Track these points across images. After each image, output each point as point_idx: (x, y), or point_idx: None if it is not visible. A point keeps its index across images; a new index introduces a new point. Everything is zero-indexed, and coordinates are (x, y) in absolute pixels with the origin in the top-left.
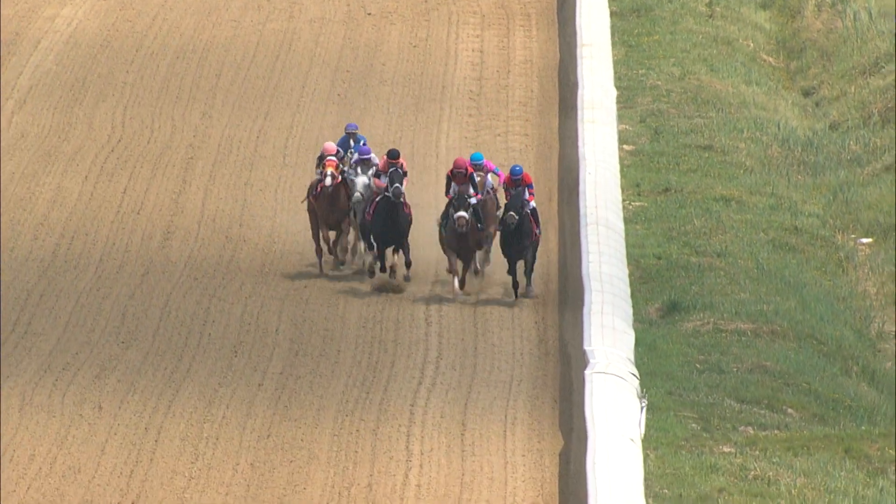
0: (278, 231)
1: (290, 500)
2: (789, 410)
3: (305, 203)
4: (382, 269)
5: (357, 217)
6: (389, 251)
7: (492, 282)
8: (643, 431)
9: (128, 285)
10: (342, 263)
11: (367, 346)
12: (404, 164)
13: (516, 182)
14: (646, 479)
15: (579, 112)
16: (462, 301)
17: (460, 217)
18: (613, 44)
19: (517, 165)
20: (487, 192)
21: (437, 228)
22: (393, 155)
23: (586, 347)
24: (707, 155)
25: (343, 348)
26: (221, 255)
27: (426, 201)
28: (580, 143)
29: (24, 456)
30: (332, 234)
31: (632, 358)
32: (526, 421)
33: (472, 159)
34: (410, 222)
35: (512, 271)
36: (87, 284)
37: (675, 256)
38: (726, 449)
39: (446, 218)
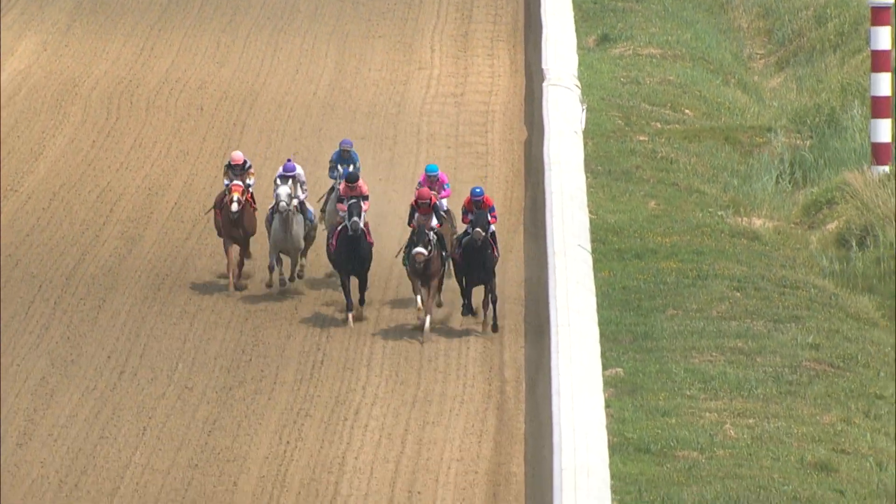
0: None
1: None
2: (686, 111)
3: (211, 213)
4: (349, 307)
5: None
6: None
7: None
8: (584, 126)
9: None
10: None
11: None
12: (363, 188)
13: (477, 204)
14: (585, 160)
15: None
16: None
17: (418, 253)
18: None
19: (477, 187)
20: (442, 215)
21: (400, 258)
22: (352, 178)
23: (544, 66)
24: None
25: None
26: None
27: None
28: None
29: (147, 143)
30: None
31: (576, 74)
32: (500, 119)
33: (426, 170)
34: (371, 255)
35: (467, 294)
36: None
37: (606, 2)
38: (642, 138)
39: (408, 249)
